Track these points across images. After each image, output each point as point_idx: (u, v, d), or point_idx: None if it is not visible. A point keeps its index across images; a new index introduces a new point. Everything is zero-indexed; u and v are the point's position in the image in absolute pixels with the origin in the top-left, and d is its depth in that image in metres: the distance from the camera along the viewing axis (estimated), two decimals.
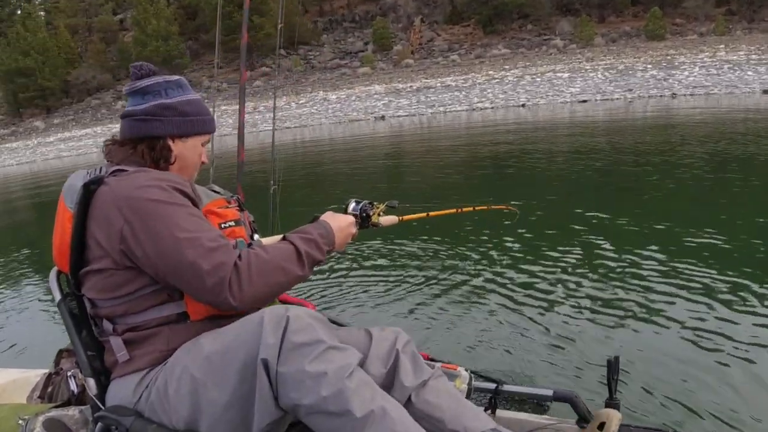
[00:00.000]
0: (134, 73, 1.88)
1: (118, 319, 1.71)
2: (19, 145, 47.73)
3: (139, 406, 1.66)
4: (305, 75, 58.82)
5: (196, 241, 1.56)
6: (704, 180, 8.28)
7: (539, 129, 18.81)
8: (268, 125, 36.71)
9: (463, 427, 1.77)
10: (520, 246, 6.21)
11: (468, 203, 2.92)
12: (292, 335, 1.49)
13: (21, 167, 34.63)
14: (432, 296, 4.93)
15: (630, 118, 19.52)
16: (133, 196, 1.60)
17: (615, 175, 9.56)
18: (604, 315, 4.13)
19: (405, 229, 8.62)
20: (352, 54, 61.61)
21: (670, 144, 12.16)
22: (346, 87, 48.77)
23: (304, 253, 1.71)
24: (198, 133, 1.92)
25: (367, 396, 1.51)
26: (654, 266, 4.88)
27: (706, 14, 51.72)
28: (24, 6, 75.88)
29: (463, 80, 42.16)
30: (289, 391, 1.48)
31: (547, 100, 29.75)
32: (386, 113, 33.42)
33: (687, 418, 2.84)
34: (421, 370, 1.90)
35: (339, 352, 1.53)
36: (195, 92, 1.95)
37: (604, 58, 42.52)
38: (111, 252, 1.63)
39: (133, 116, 1.84)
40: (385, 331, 1.95)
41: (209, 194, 1.90)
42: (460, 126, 24.08)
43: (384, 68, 55.64)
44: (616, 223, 6.54)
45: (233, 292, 1.55)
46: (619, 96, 28.06)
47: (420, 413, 1.79)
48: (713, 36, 46.51)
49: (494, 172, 11.46)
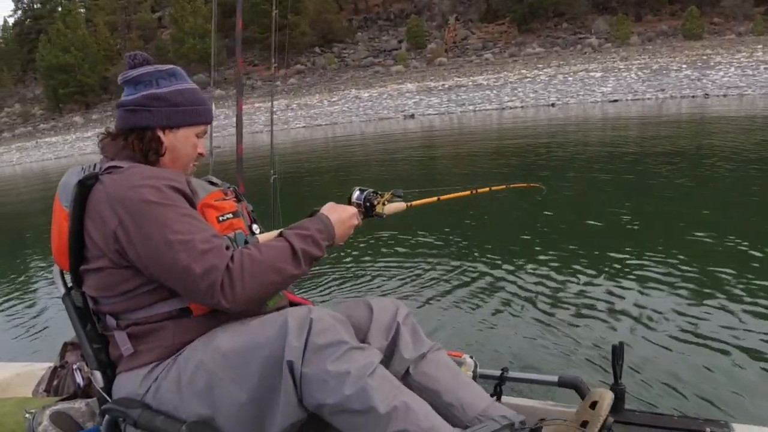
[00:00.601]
0: (128, 63, 1.86)
1: (121, 314, 1.72)
2: (58, 139, 48.73)
3: (146, 399, 1.66)
4: (339, 73, 59.12)
5: (188, 243, 1.55)
6: (725, 178, 8.30)
7: (565, 128, 18.74)
8: (300, 122, 37.15)
9: (459, 400, 1.80)
10: (528, 235, 6.33)
11: (483, 185, 2.86)
12: (315, 337, 1.51)
13: (59, 161, 35.41)
14: (438, 286, 5.07)
15: (658, 117, 19.32)
16: (126, 196, 1.59)
17: (631, 172, 9.57)
18: (609, 303, 4.24)
19: (412, 217, 8.77)
20: (386, 52, 61.76)
21: (697, 144, 12.14)
22: (379, 85, 48.89)
23: (300, 251, 1.68)
24: (190, 124, 1.87)
25: (390, 392, 1.53)
26: (662, 260, 4.99)
27: (744, 13, 50.71)
28: (64, 3, 77.54)
29: (495, 79, 41.99)
30: (314, 391, 1.50)
31: (578, 100, 29.50)
32: (416, 111, 33.49)
33: (691, 403, 2.91)
34: (421, 343, 1.91)
35: (361, 352, 1.55)
36: (190, 81, 1.92)
37: (639, 58, 41.98)
38: (107, 251, 1.63)
39: (124, 106, 1.82)
40: (385, 303, 1.96)
41: (206, 187, 1.89)
42: (485, 124, 24.09)
43: (417, 66, 55.67)
44: (628, 218, 6.65)
45: (225, 295, 1.54)
46: (651, 96, 27.71)
47: (417, 385, 1.82)
48: (752, 36, 45.60)
49: (517, 163, 11.49)
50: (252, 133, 36.37)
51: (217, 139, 5.20)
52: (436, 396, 1.79)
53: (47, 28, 68.64)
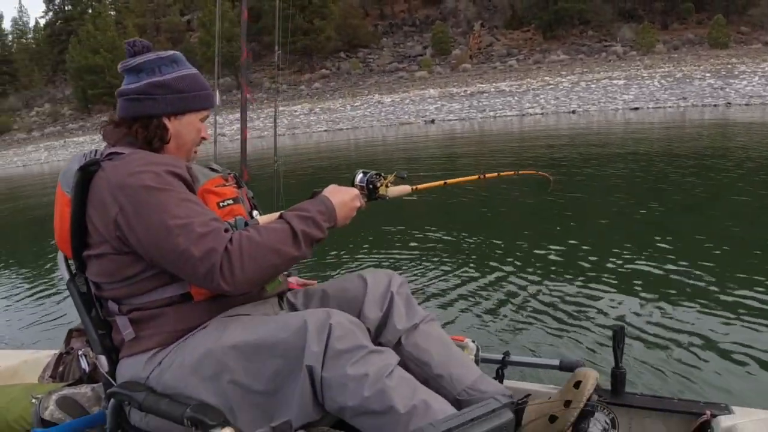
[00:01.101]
0: (128, 50, 1.84)
1: (123, 300, 1.73)
2: (86, 139, 49.51)
3: (150, 382, 1.67)
4: (363, 78, 59.49)
5: (188, 227, 1.55)
6: (735, 182, 8.34)
7: (580, 133, 18.78)
8: (322, 126, 37.46)
9: (448, 373, 1.81)
10: (533, 226, 6.53)
11: (492, 170, 2.78)
12: (335, 342, 1.52)
13: None
14: (441, 271, 5.23)
15: (675, 124, 19.26)
16: (126, 183, 1.59)
17: (642, 173, 9.72)
18: (611, 290, 4.35)
19: (417, 202, 8.98)
20: (410, 58, 62.04)
21: (710, 149, 12.18)
22: (402, 90, 49.12)
23: (300, 232, 1.66)
24: (194, 110, 1.87)
25: (408, 392, 1.54)
26: (666, 251, 5.15)
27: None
28: (95, 6, 78.93)
29: (517, 85, 42.02)
30: (336, 395, 1.51)
31: (599, 107, 29.49)
32: (437, 117, 33.66)
33: (692, 386, 2.96)
34: (414, 313, 1.92)
35: (378, 355, 1.57)
36: (191, 67, 1.90)
37: (663, 66, 41.79)
38: (108, 238, 1.64)
39: (126, 95, 1.80)
40: (379, 274, 1.98)
41: (206, 173, 1.90)
42: (503, 129, 24.15)
43: (441, 72, 55.87)
44: (635, 212, 6.84)
45: (225, 278, 1.54)
46: (672, 104, 27.63)
47: (408, 355, 1.83)
48: None
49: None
50: (277, 135, 36.72)
51: (254, 141, 5.26)
52: (426, 367, 1.82)
53: (78, 29, 69.97)
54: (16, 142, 61.09)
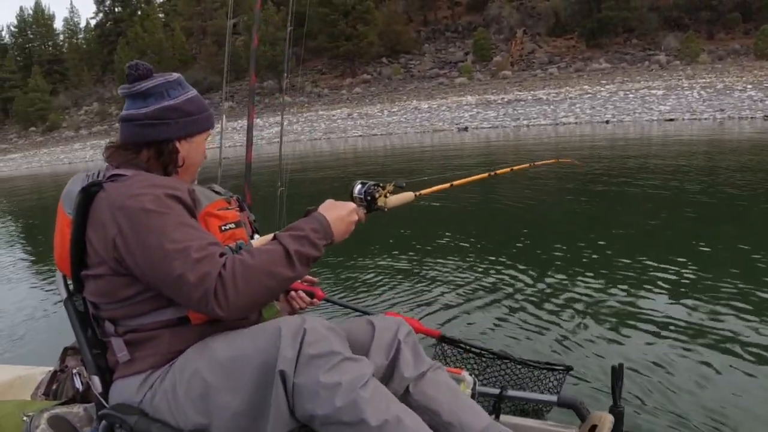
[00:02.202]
0: (130, 75, 1.82)
1: (120, 321, 1.72)
2: None
3: (143, 406, 1.67)
4: (403, 83, 59.76)
5: (184, 252, 1.54)
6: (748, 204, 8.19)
7: (604, 146, 18.73)
8: (357, 131, 37.79)
9: (458, 420, 1.78)
10: (533, 248, 6.50)
11: (504, 165, 2.70)
12: (308, 347, 1.51)
13: None
14: (441, 293, 5.21)
15: (705, 136, 19.05)
16: (126, 204, 1.59)
17: (659, 188, 9.70)
18: (610, 324, 4.24)
19: (421, 213, 9.12)
20: (451, 64, 62.05)
21: (731, 163, 12.05)
22: (440, 96, 49.29)
23: (293, 252, 1.64)
24: (202, 131, 1.90)
25: (382, 405, 1.52)
26: (669, 276, 5.07)
27: None
28: (143, 8, 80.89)
29: (555, 94, 41.85)
30: (305, 402, 1.49)
31: (633, 118, 29.23)
32: (470, 124, 33.74)
33: (691, 425, 2.91)
34: (422, 362, 1.91)
35: (353, 363, 1.55)
36: (192, 88, 1.93)
37: (705, 76, 41.10)
38: (106, 258, 1.63)
39: (136, 120, 1.80)
40: (387, 321, 1.95)
41: (209, 196, 1.88)
42: (532, 138, 24.14)
43: (481, 79, 55.80)
44: (640, 232, 6.88)
45: (220, 303, 1.52)
46: (708, 116, 27.25)
47: (417, 404, 1.81)
48: None
49: None
50: (312, 140, 37.31)
51: (290, 145, 5.22)
52: (435, 416, 1.79)
53: (126, 31, 71.96)
54: (64, 140, 63.19)
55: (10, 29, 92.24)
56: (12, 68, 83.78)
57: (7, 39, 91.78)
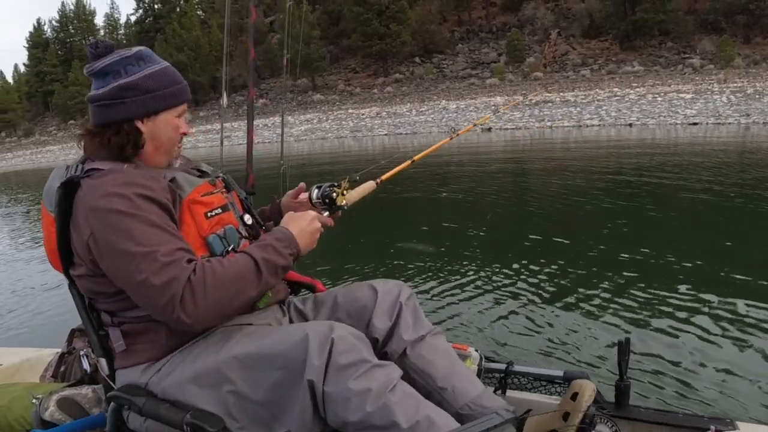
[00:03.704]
0: (91, 53, 1.75)
1: (115, 312, 1.71)
2: None
3: (150, 387, 1.67)
4: (435, 83, 59.94)
5: (150, 255, 1.51)
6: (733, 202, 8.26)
7: (616, 148, 18.79)
8: (383, 130, 38.14)
9: (452, 386, 1.80)
10: (540, 234, 6.65)
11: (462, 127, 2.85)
12: (338, 357, 1.52)
13: None
14: (446, 279, 5.30)
15: (721, 142, 18.97)
16: (97, 206, 1.56)
17: (651, 188, 9.78)
18: (618, 300, 4.39)
19: (416, 203, 9.39)
20: (484, 64, 62.04)
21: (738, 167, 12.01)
22: (470, 97, 49.40)
23: (260, 260, 1.64)
24: (167, 108, 1.79)
25: (412, 407, 1.54)
26: (674, 263, 5.22)
27: None
28: (182, 5, 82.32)
29: (584, 96, 41.64)
30: (337, 409, 1.51)
31: (657, 121, 29.01)
32: (495, 125, 33.82)
33: (697, 400, 2.98)
34: (421, 325, 1.92)
35: (382, 369, 1.56)
36: (161, 61, 1.83)
37: (738, 81, 40.57)
38: (85, 260, 1.63)
39: (95, 101, 1.73)
40: (389, 284, 1.97)
41: (191, 181, 1.80)
42: (550, 140, 24.24)
43: (512, 80, 55.71)
44: (641, 224, 7.04)
45: (186, 310, 1.50)
46: (733, 121, 26.94)
47: (413, 367, 1.83)
48: None
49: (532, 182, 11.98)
50: (339, 138, 37.76)
51: (318, 142, 5.24)
52: (429, 379, 1.81)
53: (165, 27, 73.30)
54: None
55: (52, 24, 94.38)
56: (53, 62, 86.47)
57: (49, 33, 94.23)
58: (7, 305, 6.05)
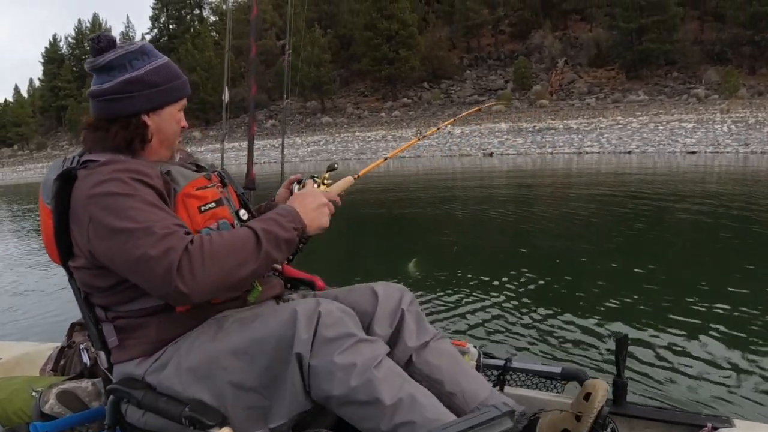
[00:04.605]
0: (93, 48, 1.74)
1: (109, 307, 1.71)
2: None
3: (148, 379, 1.67)
4: (442, 108, 60.43)
5: (148, 230, 1.50)
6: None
7: (609, 174, 19.03)
8: (386, 153, 38.46)
9: (461, 389, 1.78)
10: (539, 235, 6.92)
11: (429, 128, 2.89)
12: (324, 330, 1.52)
13: None
14: (445, 276, 5.41)
15: (714, 170, 19.31)
16: (94, 193, 1.56)
17: (637, 209, 9.88)
18: (616, 299, 4.47)
19: (417, 202, 9.71)
20: (491, 91, 62.55)
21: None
22: (475, 123, 49.79)
23: (260, 230, 1.60)
24: (172, 101, 1.82)
25: (396, 384, 1.53)
26: (671, 264, 5.41)
27: None
28: (195, 26, 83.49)
29: (587, 123, 42.06)
30: (321, 383, 1.50)
31: (656, 149, 29.42)
32: (497, 150, 34.23)
33: (693, 398, 3.01)
34: (425, 331, 1.89)
35: (368, 344, 1.56)
36: (162, 56, 1.84)
37: (740, 111, 40.86)
38: (84, 251, 1.62)
39: (100, 96, 1.73)
40: (390, 289, 1.93)
41: (186, 175, 1.78)
42: (546, 166, 24.52)
43: (518, 107, 56.14)
44: (641, 228, 7.36)
45: (184, 279, 1.46)
46: (731, 150, 27.32)
47: (419, 373, 1.80)
48: None
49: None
50: (344, 160, 38.14)
51: (323, 164, 5.31)
52: (438, 384, 1.78)
53: (179, 47, 74.28)
54: None
55: (67, 40, 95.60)
56: (68, 78, 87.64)
57: (65, 49, 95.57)
58: (8, 300, 6.09)
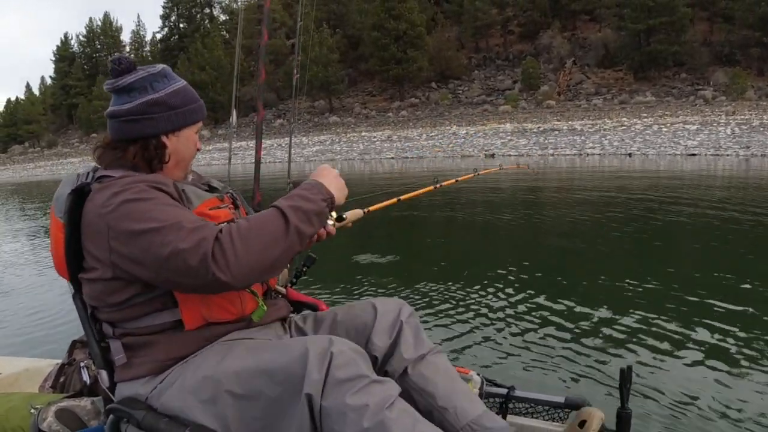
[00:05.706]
0: (114, 69, 1.78)
1: (116, 323, 1.71)
2: None
3: (150, 401, 1.66)
4: (450, 108, 60.54)
5: (176, 225, 1.52)
6: None
7: (602, 177, 19.15)
8: (391, 153, 38.59)
9: (453, 405, 1.78)
10: (542, 259, 6.79)
11: (449, 176, 2.73)
12: (336, 371, 1.50)
13: None
14: (447, 301, 5.32)
15: (711, 173, 19.32)
16: (111, 203, 1.57)
17: (644, 222, 9.78)
18: (621, 328, 4.38)
19: (424, 227, 9.58)
20: (498, 91, 62.61)
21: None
22: (481, 123, 49.95)
23: (286, 207, 1.62)
24: (190, 124, 1.85)
25: (408, 425, 1.52)
26: (676, 291, 5.27)
27: None
28: (205, 26, 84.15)
29: (591, 125, 42.11)
30: (334, 424, 1.48)
31: (657, 151, 29.41)
32: (498, 151, 34.29)
33: (701, 427, 2.97)
34: (422, 344, 1.90)
35: (380, 385, 1.54)
36: (180, 79, 1.88)
37: (746, 113, 40.78)
38: (103, 263, 1.61)
39: (120, 117, 1.76)
40: (389, 303, 1.95)
41: (200, 195, 1.82)
42: (545, 167, 24.65)
43: (525, 107, 56.17)
44: (644, 250, 7.29)
45: (219, 265, 1.48)
46: (732, 152, 27.30)
47: (414, 386, 1.81)
48: None
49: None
50: (348, 160, 38.31)
51: (327, 164, 5.42)
52: (431, 398, 1.79)
53: (189, 46, 74.81)
54: None
55: (79, 39, 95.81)
56: (79, 76, 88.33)
57: (76, 48, 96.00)
58: (8, 315, 6.06)
